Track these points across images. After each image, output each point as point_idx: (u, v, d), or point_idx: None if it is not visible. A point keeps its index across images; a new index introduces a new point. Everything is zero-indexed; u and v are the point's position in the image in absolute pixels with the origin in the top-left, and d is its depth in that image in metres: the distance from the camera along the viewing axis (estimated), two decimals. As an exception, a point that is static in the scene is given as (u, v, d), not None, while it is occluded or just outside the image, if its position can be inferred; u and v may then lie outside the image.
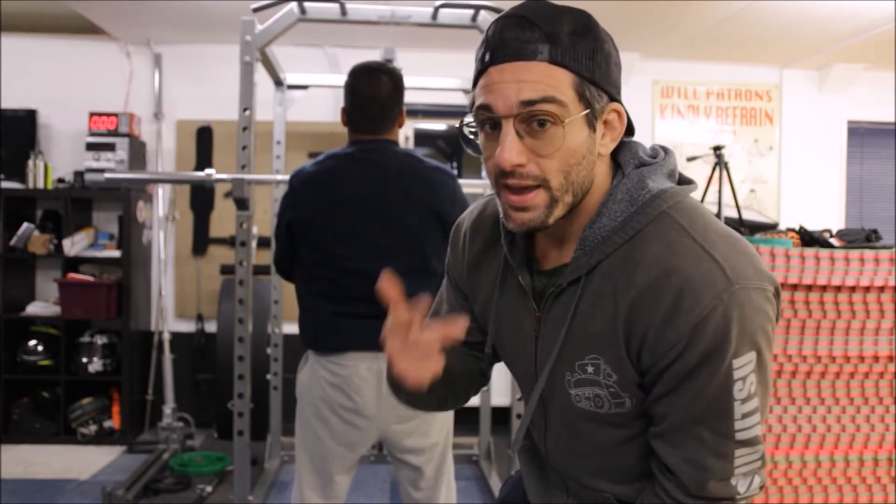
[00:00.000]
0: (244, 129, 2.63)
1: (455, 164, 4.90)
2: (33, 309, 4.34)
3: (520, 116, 0.87)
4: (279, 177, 3.43)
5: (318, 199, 1.99)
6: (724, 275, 0.85)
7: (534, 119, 0.86)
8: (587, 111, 0.88)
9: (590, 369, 0.95)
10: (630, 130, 0.97)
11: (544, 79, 0.86)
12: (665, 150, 0.99)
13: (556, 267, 0.99)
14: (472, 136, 0.95)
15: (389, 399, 1.98)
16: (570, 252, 0.96)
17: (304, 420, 2.07)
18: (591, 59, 0.88)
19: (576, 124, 0.88)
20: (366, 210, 1.97)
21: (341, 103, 2.05)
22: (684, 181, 0.97)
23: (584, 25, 0.89)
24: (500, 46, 0.88)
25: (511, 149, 0.87)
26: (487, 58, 0.89)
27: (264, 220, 4.19)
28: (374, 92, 1.98)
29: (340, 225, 1.97)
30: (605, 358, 0.93)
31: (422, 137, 4.83)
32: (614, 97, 0.92)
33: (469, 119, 0.93)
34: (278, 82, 3.68)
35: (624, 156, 0.97)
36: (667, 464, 0.93)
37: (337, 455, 2.03)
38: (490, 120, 0.89)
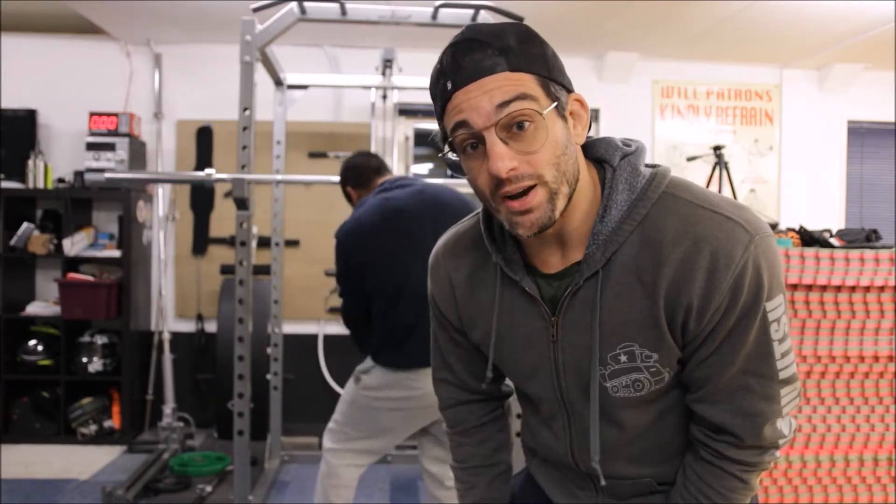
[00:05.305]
0: (244, 128, 2.63)
1: (455, 164, 4.89)
2: (33, 309, 4.34)
3: (500, 123, 0.88)
4: (279, 177, 3.44)
5: (377, 238, 2.18)
6: (745, 229, 0.90)
7: (512, 123, 0.88)
8: (555, 104, 0.91)
9: (623, 358, 0.97)
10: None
11: (510, 83, 0.88)
12: (633, 140, 1.02)
13: (565, 268, 0.99)
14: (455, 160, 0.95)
15: None
16: (575, 251, 0.98)
17: (370, 416, 2.29)
18: (543, 59, 0.91)
19: (551, 117, 0.90)
20: (418, 234, 2.17)
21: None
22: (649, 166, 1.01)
23: (527, 33, 0.92)
24: (458, 71, 0.89)
25: (502, 156, 0.88)
26: (450, 86, 0.90)
27: (264, 220, 4.20)
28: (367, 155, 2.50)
29: (402, 253, 2.17)
30: (641, 341, 0.95)
31: (422, 137, 4.83)
32: (570, 89, 0.95)
33: (446, 149, 0.94)
34: (278, 82, 3.68)
35: (606, 150, 1.00)
36: (715, 422, 0.97)
37: (393, 443, 2.38)
38: (470, 138, 0.90)
